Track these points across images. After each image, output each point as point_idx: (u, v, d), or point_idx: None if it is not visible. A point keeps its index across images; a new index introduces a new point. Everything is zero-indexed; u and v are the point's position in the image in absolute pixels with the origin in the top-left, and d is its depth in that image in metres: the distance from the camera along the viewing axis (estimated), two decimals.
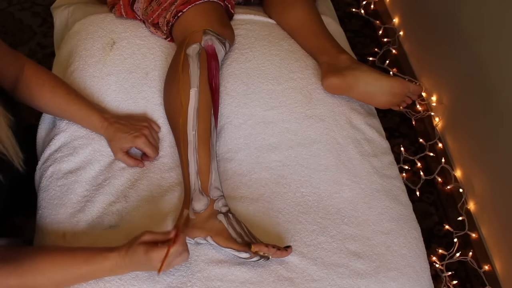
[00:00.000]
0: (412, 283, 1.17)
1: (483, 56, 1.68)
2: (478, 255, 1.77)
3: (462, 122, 1.85)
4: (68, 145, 1.25)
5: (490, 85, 1.65)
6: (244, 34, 1.42)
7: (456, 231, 1.81)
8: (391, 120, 2.08)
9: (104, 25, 1.40)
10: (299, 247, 1.16)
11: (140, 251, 1.00)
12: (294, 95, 1.34)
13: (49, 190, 1.20)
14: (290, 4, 1.44)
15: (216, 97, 1.27)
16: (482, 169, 1.75)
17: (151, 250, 0.99)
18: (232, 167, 1.26)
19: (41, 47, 2.14)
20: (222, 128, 1.30)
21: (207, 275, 1.10)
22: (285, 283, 1.11)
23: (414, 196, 1.89)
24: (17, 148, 0.99)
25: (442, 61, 1.93)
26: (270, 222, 1.19)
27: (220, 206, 1.14)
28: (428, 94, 2.04)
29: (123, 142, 1.22)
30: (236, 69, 1.36)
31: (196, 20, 1.30)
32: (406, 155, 1.98)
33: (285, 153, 1.29)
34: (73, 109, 1.22)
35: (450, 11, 1.84)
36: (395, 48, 2.22)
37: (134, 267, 1.03)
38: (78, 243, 1.13)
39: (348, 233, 1.20)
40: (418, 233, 1.27)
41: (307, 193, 1.24)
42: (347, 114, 1.36)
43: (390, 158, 1.36)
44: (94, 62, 1.34)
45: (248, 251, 1.09)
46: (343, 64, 1.35)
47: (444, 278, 1.73)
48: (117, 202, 1.18)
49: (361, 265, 1.16)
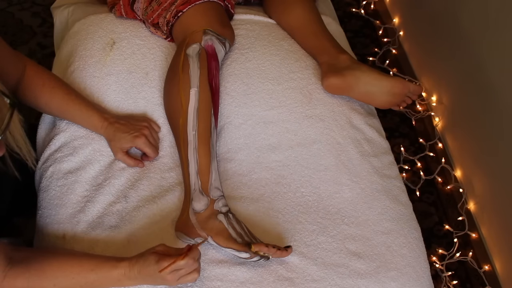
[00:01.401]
0: (412, 283, 1.17)
1: (483, 56, 1.68)
2: (478, 255, 1.77)
3: (462, 122, 1.85)
4: (68, 145, 1.25)
5: (490, 85, 1.65)
6: (244, 34, 1.42)
7: (456, 231, 1.81)
8: (391, 120, 2.08)
9: (104, 25, 1.40)
10: (299, 247, 1.16)
11: (152, 259, 1.00)
12: (294, 95, 1.34)
13: (49, 190, 1.20)
14: (290, 4, 1.44)
15: (216, 97, 1.27)
16: (482, 169, 1.75)
17: (162, 259, 0.99)
18: (232, 167, 1.26)
19: (41, 47, 2.14)
20: (222, 128, 1.30)
21: (207, 275, 1.10)
22: (285, 283, 1.11)
23: (414, 196, 1.89)
24: (30, 147, 0.99)
25: (442, 61, 1.93)
26: (270, 222, 1.19)
27: (220, 206, 1.14)
28: (428, 94, 2.04)
29: (123, 142, 1.22)
30: (236, 69, 1.36)
31: (196, 20, 1.30)
32: (406, 155, 1.97)
33: (285, 153, 1.29)
34: (73, 109, 1.22)
35: (450, 11, 1.84)
36: (395, 48, 2.22)
37: (142, 278, 1.02)
38: (78, 243, 1.13)
39: (348, 233, 1.20)
40: (418, 233, 1.27)
41: (307, 193, 1.24)
42: (347, 114, 1.36)
43: (390, 158, 1.36)
44: (94, 62, 1.34)
45: (248, 251, 1.09)
46: (343, 64, 1.35)
47: (444, 278, 1.73)
48: (117, 202, 1.18)
49: (361, 265, 1.16)
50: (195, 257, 1.01)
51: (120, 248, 1.12)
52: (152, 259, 1.00)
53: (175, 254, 1.01)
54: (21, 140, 0.96)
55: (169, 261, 0.99)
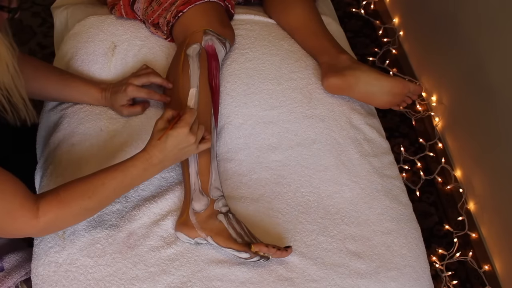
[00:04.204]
0: (412, 283, 1.17)
1: (483, 56, 1.68)
2: (478, 255, 1.77)
3: (462, 122, 1.85)
4: (67, 142, 1.25)
5: (490, 85, 1.65)
6: (244, 34, 1.42)
7: (456, 231, 1.81)
8: (391, 120, 2.08)
9: (104, 28, 1.40)
10: (299, 247, 1.16)
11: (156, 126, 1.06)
12: (294, 95, 1.34)
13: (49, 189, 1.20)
14: (290, 4, 1.44)
15: (216, 97, 1.27)
16: (482, 169, 1.75)
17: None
18: (232, 167, 1.26)
19: (41, 47, 2.14)
20: (222, 128, 1.30)
21: (207, 275, 1.10)
22: (285, 283, 1.11)
23: (414, 196, 1.89)
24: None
25: (442, 61, 1.93)
26: (270, 222, 1.19)
27: (220, 206, 1.14)
28: (428, 94, 2.04)
29: (119, 101, 1.26)
30: (236, 69, 1.36)
31: (196, 20, 1.30)
32: (406, 155, 1.98)
33: (285, 153, 1.29)
34: (70, 87, 1.26)
35: (450, 11, 1.84)
36: (395, 48, 2.22)
37: (160, 153, 1.04)
38: (78, 242, 1.13)
39: (348, 233, 1.20)
40: (418, 233, 1.27)
41: (307, 193, 1.24)
42: (347, 114, 1.36)
43: (390, 158, 1.36)
44: (98, 69, 1.35)
45: (248, 251, 1.09)
46: (343, 64, 1.35)
47: (444, 278, 1.73)
48: (117, 201, 1.18)
49: (361, 265, 1.16)
50: (188, 122, 1.04)
51: (120, 246, 1.12)
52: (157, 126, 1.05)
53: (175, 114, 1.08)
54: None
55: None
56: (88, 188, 1.02)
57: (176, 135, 1.04)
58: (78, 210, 1.02)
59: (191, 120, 1.05)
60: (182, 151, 1.06)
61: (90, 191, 1.01)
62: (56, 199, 1.00)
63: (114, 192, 1.05)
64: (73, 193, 1.01)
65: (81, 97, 1.28)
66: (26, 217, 0.97)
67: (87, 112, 1.29)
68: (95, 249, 1.11)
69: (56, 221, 1.01)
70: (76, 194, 1.01)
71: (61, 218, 1.01)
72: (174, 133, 1.03)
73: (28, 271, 1.19)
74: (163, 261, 1.11)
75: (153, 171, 1.07)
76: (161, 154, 1.04)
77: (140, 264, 1.11)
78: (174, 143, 1.04)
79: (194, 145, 1.07)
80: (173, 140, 1.04)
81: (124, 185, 1.05)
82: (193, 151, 1.08)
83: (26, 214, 0.97)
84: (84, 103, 1.30)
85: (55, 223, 1.01)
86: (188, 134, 1.04)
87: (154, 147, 1.04)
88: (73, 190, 1.01)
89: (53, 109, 1.34)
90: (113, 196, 1.05)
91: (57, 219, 1.00)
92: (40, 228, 0.99)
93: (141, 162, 1.04)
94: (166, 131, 1.04)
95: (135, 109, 1.28)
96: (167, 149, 1.04)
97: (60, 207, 1.00)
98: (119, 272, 1.09)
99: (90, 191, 1.01)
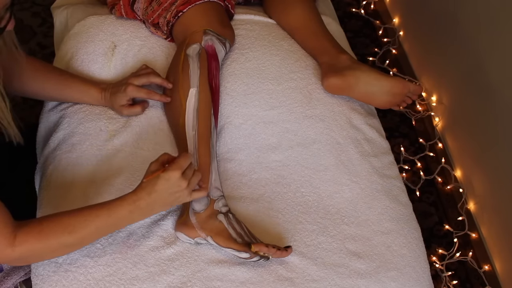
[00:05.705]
0: (412, 283, 1.17)
1: (483, 56, 1.68)
2: (478, 255, 1.77)
3: (462, 122, 1.85)
4: (67, 142, 1.25)
5: (490, 85, 1.65)
6: (244, 34, 1.42)
7: (456, 231, 1.81)
8: (391, 120, 2.08)
9: (104, 28, 1.39)
10: (299, 247, 1.16)
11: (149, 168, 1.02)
12: (294, 95, 1.34)
13: (49, 189, 1.20)
14: (290, 4, 1.44)
15: (216, 97, 1.27)
16: (482, 169, 1.75)
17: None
18: (232, 167, 1.26)
19: (41, 47, 2.14)
20: (222, 128, 1.30)
21: (207, 275, 1.10)
22: (285, 283, 1.11)
23: (414, 196, 1.89)
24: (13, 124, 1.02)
25: (442, 61, 1.93)
26: (270, 222, 1.19)
27: (220, 206, 1.14)
28: (428, 94, 2.04)
29: (119, 101, 1.25)
30: (236, 69, 1.36)
31: (196, 20, 1.30)
32: (406, 155, 1.98)
33: (285, 153, 1.29)
34: (70, 87, 1.26)
35: (450, 11, 1.84)
36: (395, 48, 2.22)
37: (149, 196, 0.99)
38: None
39: (348, 233, 1.20)
40: (418, 233, 1.27)
41: (307, 193, 1.24)
42: (347, 114, 1.36)
43: (390, 158, 1.36)
44: (98, 69, 1.35)
45: (248, 251, 1.09)
46: (343, 64, 1.35)
47: (444, 278, 1.73)
48: None
49: (361, 265, 1.16)
50: (182, 166, 1.00)
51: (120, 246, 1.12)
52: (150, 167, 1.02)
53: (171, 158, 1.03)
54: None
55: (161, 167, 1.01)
56: (69, 223, 0.97)
57: (167, 178, 0.98)
58: (57, 245, 0.97)
59: (185, 164, 1.00)
60: (172, 196, 1.01)
61: (71, 227, 0.96)
62: (36, 229, 0.95)
63: (97, 231, 1.00)
64: (54, 227, 0.96)
65: (81, 97, 1.28)
66: (1, 244, 0.93)
67: (87, 112, 1.29)
68: (95, 249, 1.11)
69: (32, 253, 0.96)
70: (57, 228, 0.96)
71: (37, 250, 0.97)
72: (165, 176, 0.98)
73: (27, 272, 1.19)
74: (163, 261, 1.11)
75: (139, 215, 1.02)
76: (149, 198, 0.99)
77: (140, 264, 1.11)
78: (164, 186, 0.99)
79: (186, 191, 1.01)
80: (164, 183, 0.99)
81: (107, 225, 1.00)
82: (185, 198, 1.03)
83: (2, 241, 0.93)
84: (84, 103, 1.30)
85: (31, 255, 0.97)
86: (179, 178, 0.99)
87: (143, 189, 0.99)
88: (56, 223, 0.97)
89: (53, 109, 1.33)
90: (95, 235, 1.01)
91: (34, 251, 0.96)
92: (14, 257, 0.95)
93: (128, 204, 0.99)
94: (157, 173, 0.99)
95: (134, 109, 1.27)
96: (156, 192, 0.99)
97: (38, 239, 0.95)
98: (119, 272, 1.09)
99: (71, 226, 0.97)
